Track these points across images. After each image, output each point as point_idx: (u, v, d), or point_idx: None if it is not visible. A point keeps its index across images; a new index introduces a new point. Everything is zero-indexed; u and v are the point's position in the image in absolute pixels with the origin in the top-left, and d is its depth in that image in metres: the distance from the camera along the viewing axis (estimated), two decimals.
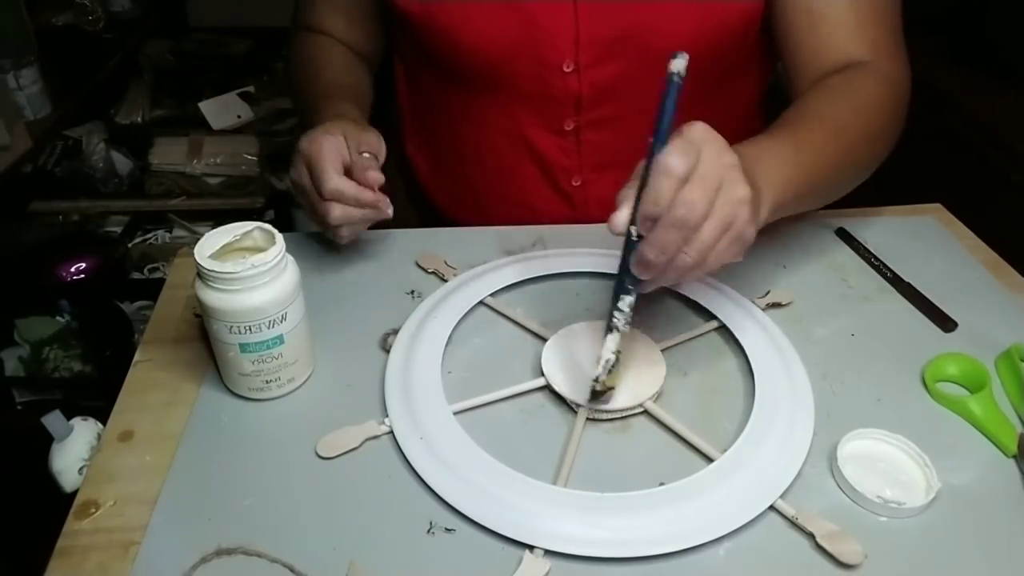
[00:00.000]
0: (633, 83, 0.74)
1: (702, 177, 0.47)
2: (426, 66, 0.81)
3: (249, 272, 0.51)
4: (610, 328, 0.53)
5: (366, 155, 0.65)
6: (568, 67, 0.72)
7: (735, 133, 0.83)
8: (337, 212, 0.63)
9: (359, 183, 0.63)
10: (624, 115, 0.76)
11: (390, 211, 0.64)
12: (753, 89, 0.83)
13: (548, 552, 0.47)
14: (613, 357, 0.53)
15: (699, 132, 0.48)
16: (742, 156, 0.51)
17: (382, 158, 0.67)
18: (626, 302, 0.52)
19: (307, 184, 0.64)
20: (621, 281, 0.52)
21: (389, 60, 0.89)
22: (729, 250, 0.49)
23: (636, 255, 0.49)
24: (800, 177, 0.58)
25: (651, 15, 0.70)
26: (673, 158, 0.46)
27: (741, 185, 0.48)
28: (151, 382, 0.59)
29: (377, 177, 0.63)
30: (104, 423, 0.56)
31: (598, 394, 0.54)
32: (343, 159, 0.63)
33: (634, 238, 0.49)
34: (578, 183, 0.80)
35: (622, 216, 0.48)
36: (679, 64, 0.48)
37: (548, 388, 0.58)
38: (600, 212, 0.80)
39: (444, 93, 0.81)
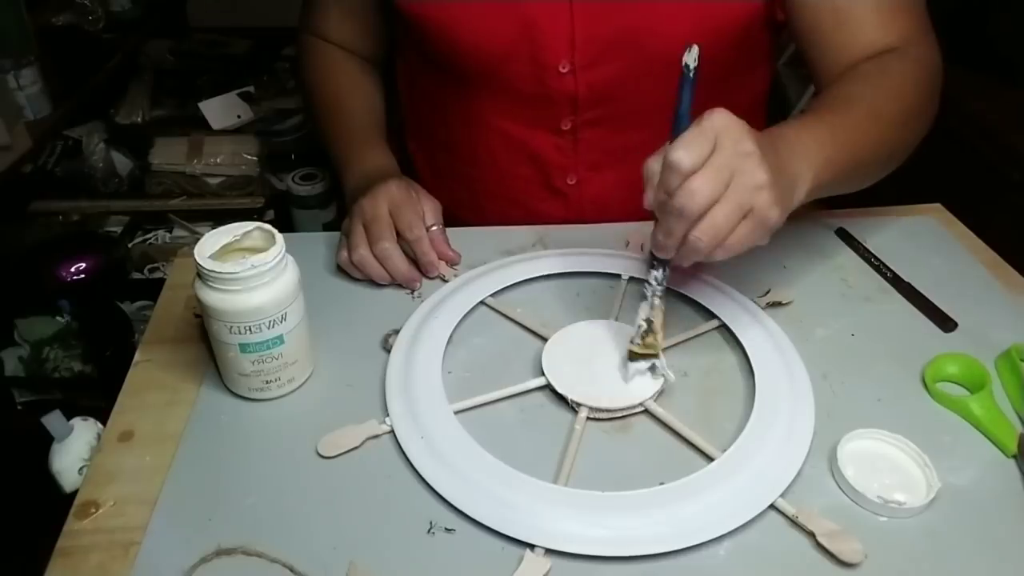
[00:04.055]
0: (630, 83, 0.74)
1: (713, 166, 0.48)
2: (426, 66, 0.81)
3: (249, 272, 0.51)
4: (642, 296, 0.57)
5: (435, 228, 0.69)
6: (564, 68, 0.72)
7: None
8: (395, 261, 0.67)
9: (437, 254, 0.68)
10: (621, 114, 0.76)
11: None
12: (754, 89, 0.83)
13: (548, 551, 0.47)
14: (644, 324, 0.56)
15: (718, 120, 0.49)
16: (778, 138, 0.52)
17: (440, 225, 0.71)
18: (652, 275, 0.56)
19: (360, 231, 0.67)
20: (652, 255, 0.55)
21: (392, 58, 0.89)
22: (752, 234, 0.50)
23: (651, 235, 0.52)
24: (839, 158, 0.58)
25: (647, 16, 0.70)
26: (679, 152, 0.47)
27: (759, 171, 0.49)
28: (151, 382, 0.59)
29: (454, 257, 0.70)
30: (104, 423, 0.56)
31: (636, 356, 0.57)
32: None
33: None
34: (573, 182, 0.80)
35: (647, 195, 0.51)
36: (691, 56, 0.50)
37: (549, 387, 0.58)
38: (595, 211, 0.81)
39: (443, 93, 0.81)
